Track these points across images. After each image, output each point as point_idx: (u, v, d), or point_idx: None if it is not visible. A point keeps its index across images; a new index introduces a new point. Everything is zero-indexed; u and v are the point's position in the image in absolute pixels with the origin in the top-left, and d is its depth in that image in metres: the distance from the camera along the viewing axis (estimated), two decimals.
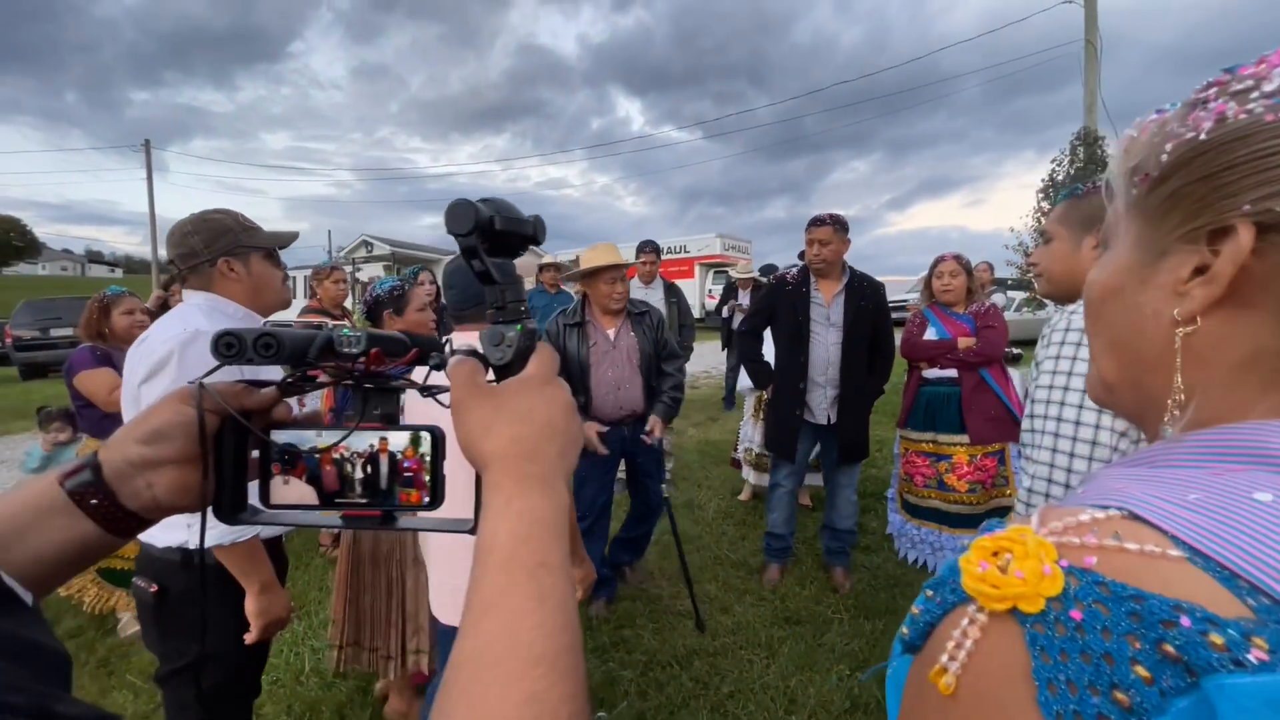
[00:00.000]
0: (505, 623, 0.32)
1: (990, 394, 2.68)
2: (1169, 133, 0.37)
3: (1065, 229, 1.24)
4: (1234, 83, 0.35)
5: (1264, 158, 0.32)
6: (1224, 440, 0.33)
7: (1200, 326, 0.36)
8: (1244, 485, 0.29)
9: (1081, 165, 12.16)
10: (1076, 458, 1.00)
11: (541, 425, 0.41)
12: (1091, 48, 12.01)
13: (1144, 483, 0.32)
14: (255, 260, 1.36)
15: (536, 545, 0.36)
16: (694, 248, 20.08)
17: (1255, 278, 0.34)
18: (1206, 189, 0.35)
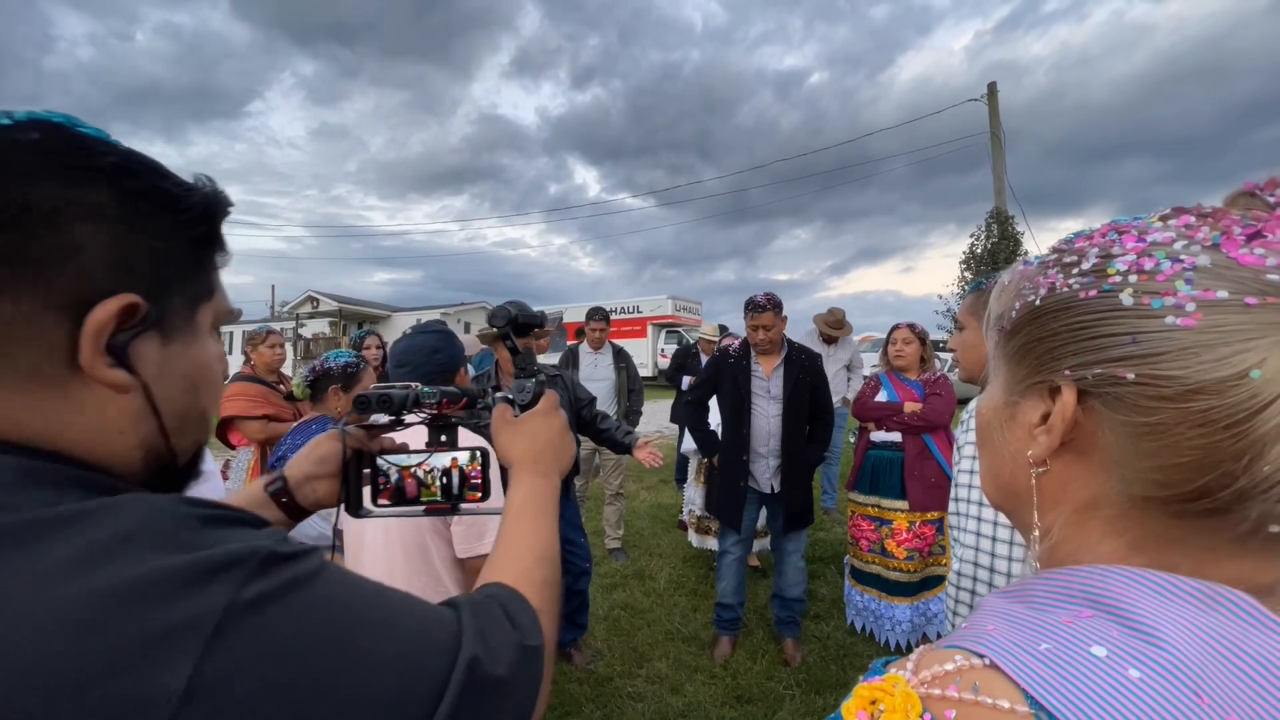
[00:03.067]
0: (522, 531, 0.59)
1: (933, 461, 2.79)
2: (1020, 290, 0.41)
3: (974, 319, 1.35)
4: (1067, 254, 0.39)
5: (1078, 329, 0.36)
6: (1072, 583, 0.36)
7: (1050, 469, 0.39)
8: (1086, 636, 0.32)
9: (996, 240, 13.38)
10: (999, 541, 1.06)
11: (544, 442, 0.69)
12: (996, 139, 13.50)
13: (1011, 625, 0.35)
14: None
15: (539, 504, 0.63)
16: (646, 308, 20.50)
17: (1087, 431, 0.37)
18: (1041, 349, 0.39)
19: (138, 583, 0.30)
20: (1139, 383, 0.34)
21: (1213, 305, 0.32)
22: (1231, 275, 0.32)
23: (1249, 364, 0.31)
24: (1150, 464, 0.35)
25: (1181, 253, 0.34)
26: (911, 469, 2.82)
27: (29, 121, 0.37)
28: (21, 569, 0.30)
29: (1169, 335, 0.33)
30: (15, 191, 0.35)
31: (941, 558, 2.81)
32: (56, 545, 0.31)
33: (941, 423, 2.86)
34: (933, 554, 2.81)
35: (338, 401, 2.02)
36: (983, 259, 13.42)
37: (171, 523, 0.34)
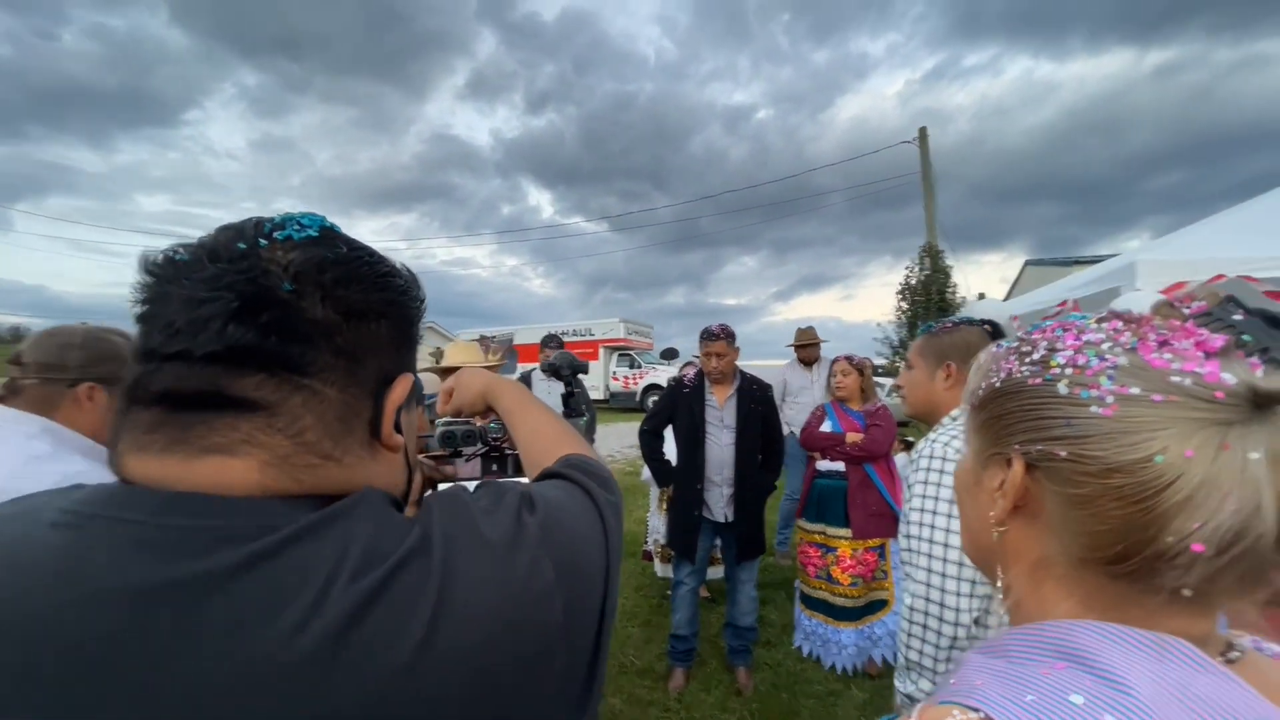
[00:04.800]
0: (542, 417, 0.75)
1: (874, 490, 2.92)
2: (988, 372, 0.48)
3: (922, 360, 1.45)
4: (1024, 344, 0.46)
5: (1026, 411, 0.43)
6: (1044, 638, 0.40)
7: (1009, 529, 0.45)
8: (1064, 687, 0.35)
9: (929, 272, 14.24)
10: (948, 578, 1.13)
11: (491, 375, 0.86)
12: (927, 180, 14.48)
13: (997, 679, 0.38)
14: None
15: (529, 397, 0.80)
16: (599, 331, 20.53)
17: (1034, 498, 0.43)
18: (999, 425, 0.46)
19: (508, 531, 0.43)
20: (1070, 460, 0.40)
21: (1127, 399, 0.38)
22: (1144, 375, 0.39)
23: (1154, 450, 0.37)
24: (1081, 529, 0.40)
25: (1107, 352, 0.41)
26: (854, 498, 2.94)
27: (332, 230, 0.47)
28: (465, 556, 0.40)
29: (1093, 422, 0.39)
30: (346, 296, 0.44)
31: (884, 582, 2.93)
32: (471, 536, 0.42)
33: (881, 452, 3.00)
34: (875, 579, 2.93)
35: None
36: (916, 290, 14.24)
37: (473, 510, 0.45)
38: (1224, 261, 2.61)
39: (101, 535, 0.37)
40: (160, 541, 0.36)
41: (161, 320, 0.40)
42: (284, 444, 0.41)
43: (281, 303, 0.41)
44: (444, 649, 0.36)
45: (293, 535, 0.37)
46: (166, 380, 0.40)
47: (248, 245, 0.42)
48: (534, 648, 0.40)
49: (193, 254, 0.42)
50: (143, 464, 0.40)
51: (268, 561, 0.36)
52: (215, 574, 0.35)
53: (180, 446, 0.39)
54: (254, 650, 0.33)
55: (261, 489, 0.40)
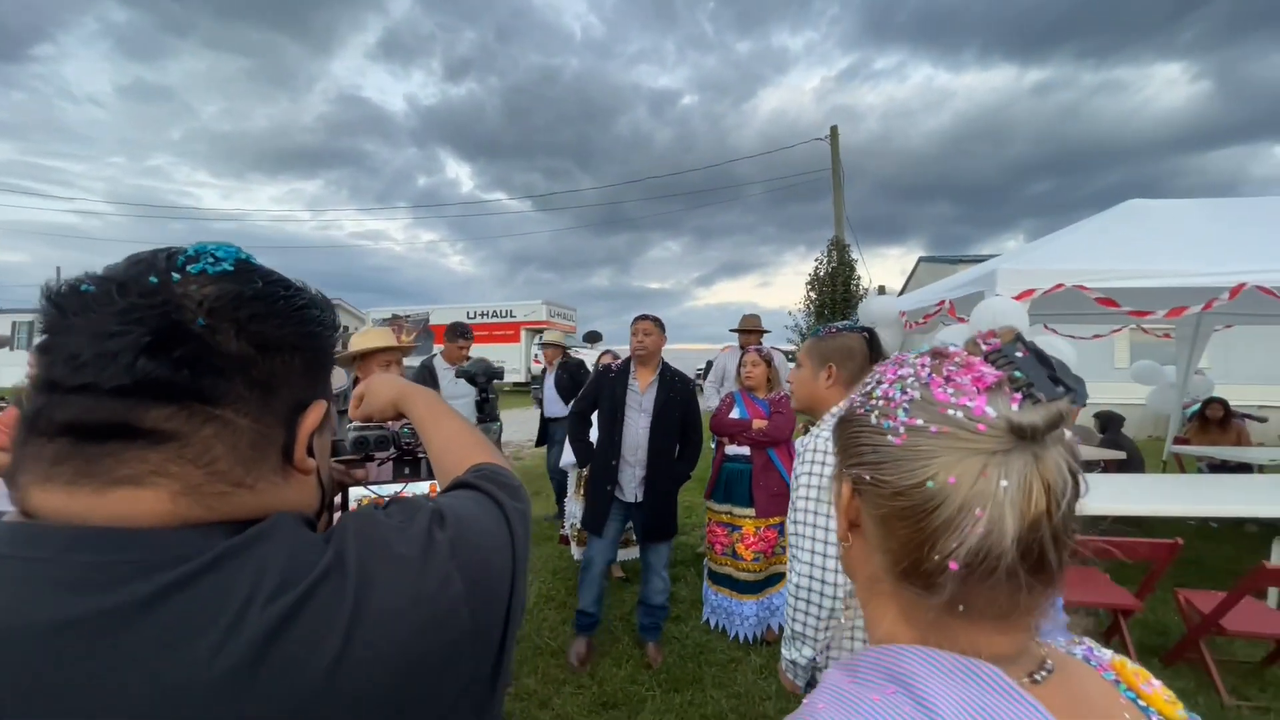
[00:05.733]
0: (455, 425, 0.77)
1: (775, 472, 3.15)
2: (848, 399, 0.52)
3: (809, 360, 1.61)
4: (868, 377, 0.50)
5: (850, 438, 0.49)
6: (883, 661, 0.43)
7: (852, 545, 0.50)
8: (888, 713, 0.39)
9: (835, 265, 15.16)
10: (828, 558, 1.29)
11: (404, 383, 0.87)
12: (836, 176, 15.33)
13: (836, 703, 0.42)
14: None
15: (441, 405, 0.81)
16: (520, 313, 20.14)
17: (863, 517, 0.47)
18: (840, 448, 0.50)
19: (420, 548, 0.47)
20: (872, 483, 0.45)
21: (914, 429, 0.43)
22: (928, 409, 0.43)
23: (927, 475, 0.41)
24: (884, 545, 0.45)
25: (908, 387, 0.45)
26: (758, 480, 3.17)
27: (247, 263, 0.49)
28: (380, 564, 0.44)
29: (888, 450, 0.44)
30: (261, 331, 0.46)
31: (782, 557, 3.19)
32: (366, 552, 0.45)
33: (783, 438, 3.25)
34: (775, 554, 3.18)
35: None
36: (824, 281, 15.12)
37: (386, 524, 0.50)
38: (1066, 273, 3.03)
39: (9, 575, 0.37)
40: (69, 578, 0.37)
41: (66, 352, 0.40)
42: (195, 473, 0.42)
43: (195, 337, 0.42)
44: (359, 660, 0.39)
45: (207, 563, 0.39)
46: (71, 412, 0.40)
47: (159, 279, 0.43)
48: (444, 655, 0.44)
49: (100, 286, 0.42)
50: (48, 497, 0.40)
51: (181, 590, 0.38)
52: (128, 606, 0.36)
53: (88, 479, 0.40)
54: (173, 676, 0.35)
55: (174, 518, 0.42)
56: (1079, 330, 5.54)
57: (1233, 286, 2.80)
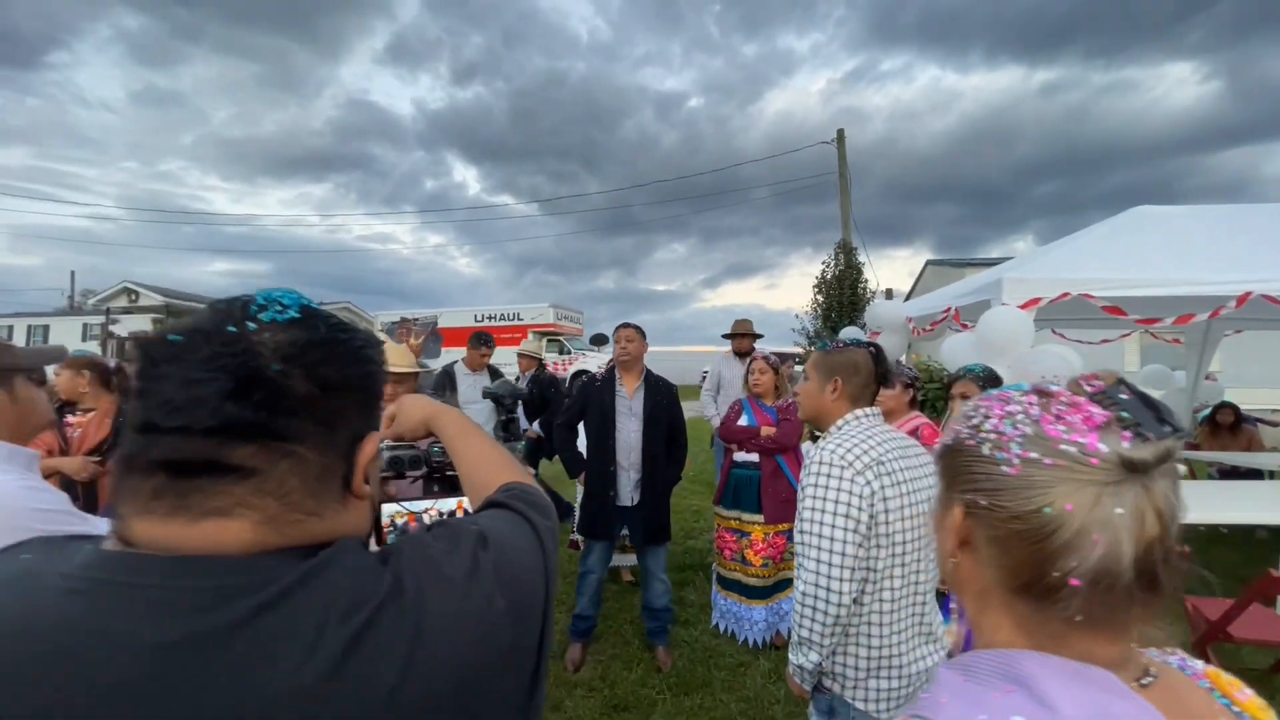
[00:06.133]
0: (485, 445, 0.82)
1: (784, 479, 3.19)
2: (950, 429, 0.57)
3: (816, 374, 1.65)
4: (970, 410, 0.55)
5: (962, 467, 0.53)
6: (1000, 663, 0.47)
7: (960, 561, 0.54)
8: (1009, 709, 0.43)
9: (842, 268, 15.14)
10: (834, 567, 1.33)
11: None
12: (843, 180, 15.32)
13: (959, 699, 0.46)
14: (20, 384, 1.19)
15: (470, 425, 0.87)
16: (527, 316, 20.23)
17: (975, 537, 0.52)
18: (948, 475, 0.55)
19: (466, 570, 0.52)
20: (988, 508, 0.50)
21: (1028, 462, 0.48)
22: (1042, 443, 0.48)
23: (1045, 503, 0.46)
24: (999, 562, 0.50)
25: (1019, 422, 0.50)
26: (766, 486, 3.21)
27: (310, 309, 0.54)
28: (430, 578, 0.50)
29: (1003, 478, 0.49)
30: (326, 373, 0.51)
31: (790, 563, 3.23)
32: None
33: (791, 444, 3.29)
34: (784, 560, 3.22)
35: None
36: (831, 284, 15.11)
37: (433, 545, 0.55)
38: (1071, 282, 3.05)
39: (119, 599, 0.42)
40: (174, 602, 0.42)
41: (161, 397, 0.46)
42: (273, 504, 0.48)
43: (270, 381, 0.47)
44: (420, 673, 0.45)
45: (288, 587, 0.44)
46: (166, 451, 0.45)
47: (237, 329, 0.48)
48: (490, 668, 0.49)
49: (186, 337, 0.48)
50: (147, 527, 0.46)
51: (270, 611, 0.43)
52: (225, 626, 0.42)
53: (182, 511, 0.46)
54: (268, 688, 0.41)
55: (255, 546, 0.47)
56: (1088, 335, 5.54)
57: (1239, 295, 2.82)
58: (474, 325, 20.36)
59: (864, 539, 1.38)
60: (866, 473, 1.40)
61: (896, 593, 1.41)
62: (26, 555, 0.49)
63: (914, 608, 1.45)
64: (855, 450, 1.43)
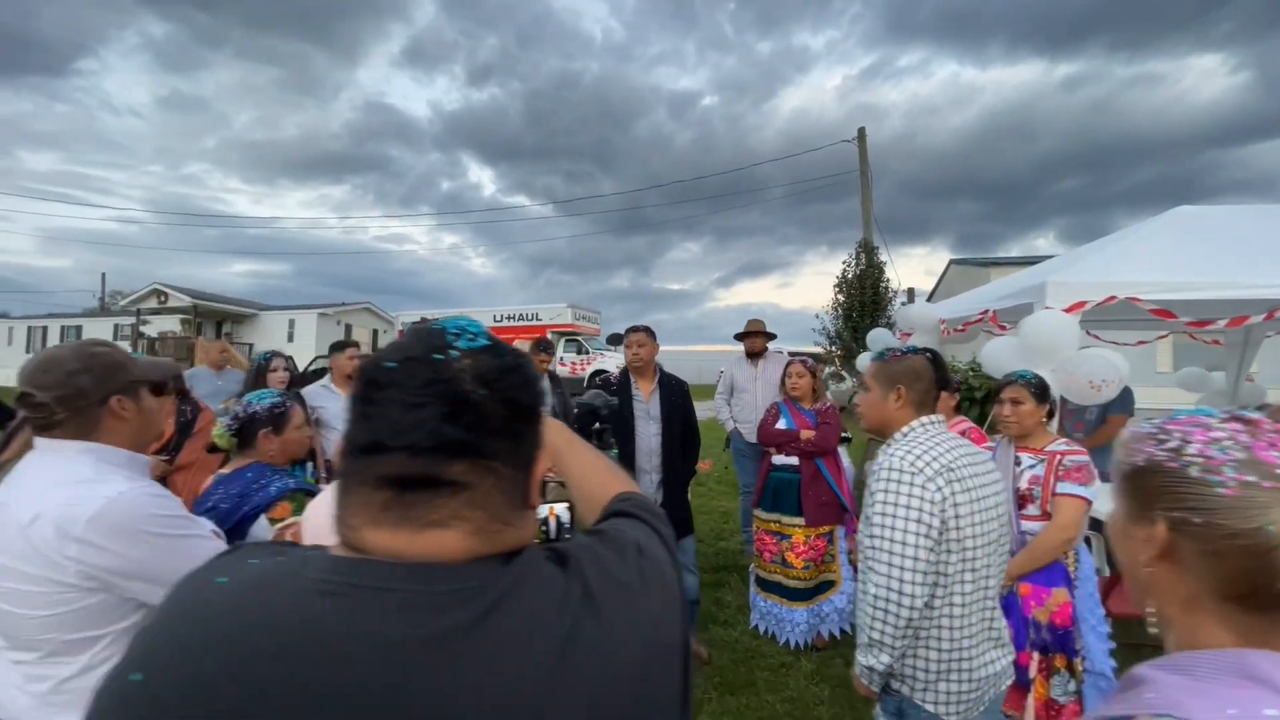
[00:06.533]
0: (587, 454, 0.92)
1: (824, 482, 3.22)
2: (1139, 449, 0.61)
3: (876, 383, 1.68)
4: (1160, 434, 0.59)
5: (1164, 487, 0.57)
6: (1225, 662, 0.50)
7: (1157, 570, 0.58)
8: (1259, 702, 0.45)
9: (864, 267, 15.03)
10: (906, 571, 1.36)
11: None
12: (864, 178, 15.20)
13: (1195, 695, 0.49)
14: (144, 395, 1.27)
15: (571, 435, 0.95)
16: (545, 316, 20.38)
17: (1177, 549, 0.56)
18: (1143, 494, 0.59)
19: (636, 576, 0.58)
20: (1203, 525, 0.54)
21: (1245, 484, 0.52)
22: (1258, 467, 0.53)
23: (1266, 522, 0.51)
24: (1215, 574, 0.54)
25: (1229, 448, 0.55)
26: (807, 490, 3.23)
27: (491, 337, 0.59)
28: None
29: (1220, 499, 0.53)
30: (515, 397, 0.56)
31: (832, 565, 3.25)
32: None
33: (830, 447, 3.31)
34: (824, 562, 3.24)
35: (270, 445, 1.95)
36: (852, 284, 15.00)
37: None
38: (1118, 285, 3.03)
39: (371, 601, 0.48)
40: (418, 604, 0.48)
41: (387, 420, 0.51)
42: (480, 516, 0.53)
43: (476, 404, 0.53)
44: (616, 673, 0.50)
45: (506, 591, 0.50)
46: (394, 468, 0.51)
47: (442, 356, 0.54)
48: (665, 665, 0.54)
49: (400, 364, 0.53)
50: (378, 536, 0.51)
51: (495, 613, 0.49)
52: (460, 626, 0.47)
53: (408, 522, 0.51)
54: (500, 683, 0.46)
55: (468, 553, 0.52)
56: (1122, 336, 5.46)
57: None
58: (493, 325, 20.57)
59: (935, 544, 1.41)
60: (937, 479, 1.43)
61: (967, 596, 1.44)
62: (254, 560, 0.54)
63: (984, 612, 1.48)
64: (925, 457, 1.46)
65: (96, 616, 1.11)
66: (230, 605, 0.49)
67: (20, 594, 1.07)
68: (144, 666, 0.46)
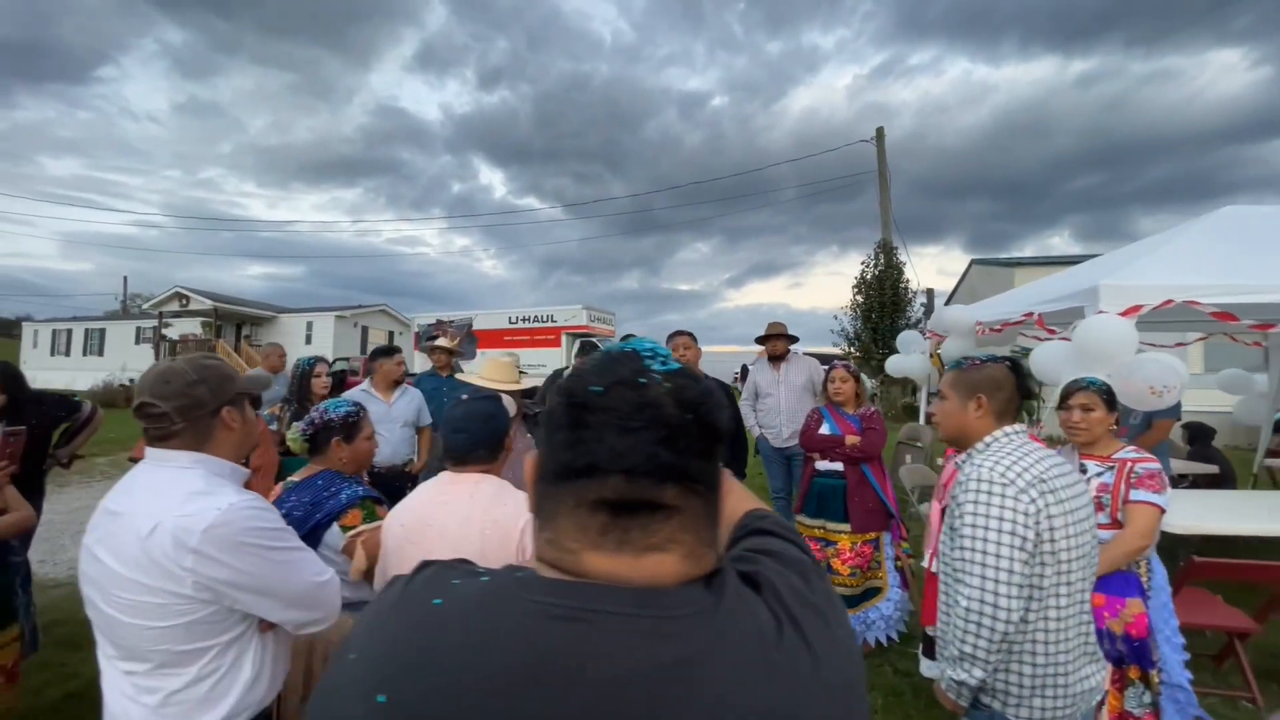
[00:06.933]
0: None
1: (870, 489, 3.18)
2: None
3: (954, 393, 1.65)
4: None
5: None
6: None
7: None
8: None
9: (883, 268, 14.92)
10: (1001, 584, 1.34)
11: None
12: (883, 178, 15.09)
13: None
14: (247, 407, 1.29)
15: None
16: (561, 317, 20.40)
17: None
18: None
19: (824, 598, 0.57)
20: None
21: None
22: None
23: None
24: None
25: None
26: (853, 496, 3.20)
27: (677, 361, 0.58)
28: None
29: None
30: (711, 420, 0.55)
31: (878, 571, 3.21)
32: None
33: (875, 454, 3.27)
34: (871, 569, 3.21)
35: (340, 453, 1.96)
36: (871, 285, 14.90)
37: None
38: (1174, 288, 2.97)
39: (613, 628, 0.47)
40: (654, 630, 0.47)
41: (603, 444, 0.51)
42: (690, 539, 0.53)
43: (684, 428, 0.52)
44: (822, 694, 0.49)
45: (727, 616, 0.50)
46: (612, 491, 0.50)
47: (645, 379, 0.53)
48: (858, 680, 0.54)
49: (605, 388, 0.53)
50: (599, 560, 0.51)
51: (722, 638, 0.48)
52: (697, 651, 0.47)
53: (628, 546, 0.51)
54: (736, 709, 0.46)
55: (683, 577, 0.52)
56: (1159, 338, 5.37)
57: None
58: (508, 327, 20.62)
59: (1030, 556, 1.38)
60: (1030, 490, 1.40)
61: (1063, 610, 1.41)
62: (455, 579, 0.54)
63: (1080, 626, 1.45)
64: (1015, 468, 1.43)
65: (207, 628, 1.12)
66: (460, 629, 0.48)
67: (136, 605, 1.08)
68: (387, 688, 0.46)
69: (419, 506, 1.51)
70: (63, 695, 2.76)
